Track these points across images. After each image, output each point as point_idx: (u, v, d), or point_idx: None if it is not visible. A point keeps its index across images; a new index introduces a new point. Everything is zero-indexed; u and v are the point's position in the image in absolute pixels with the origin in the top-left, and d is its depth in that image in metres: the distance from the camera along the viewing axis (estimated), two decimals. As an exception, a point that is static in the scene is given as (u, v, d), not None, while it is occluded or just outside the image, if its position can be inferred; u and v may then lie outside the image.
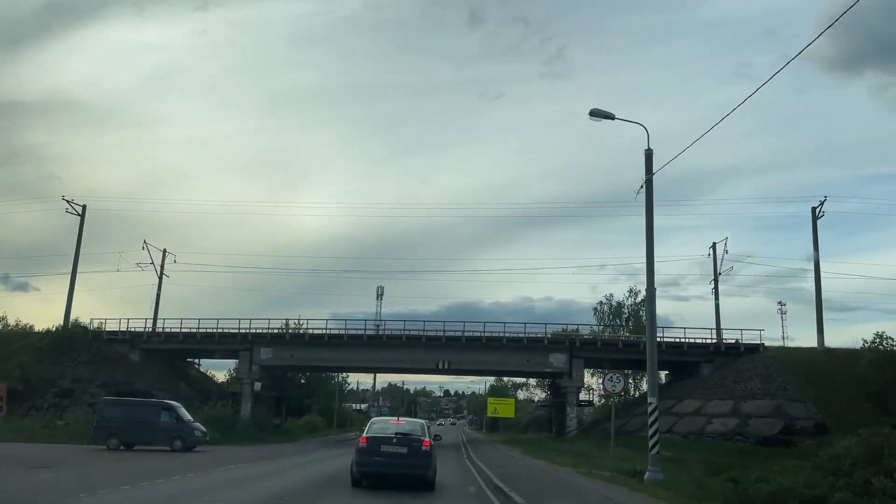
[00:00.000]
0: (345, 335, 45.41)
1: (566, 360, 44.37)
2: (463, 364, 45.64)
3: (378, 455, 13.78)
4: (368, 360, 46.60)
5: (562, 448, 32.57)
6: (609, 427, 43.86)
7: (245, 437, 39.20)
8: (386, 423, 15.66)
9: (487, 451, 31.03)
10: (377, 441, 14.00)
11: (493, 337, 44.69)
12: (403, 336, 45.10)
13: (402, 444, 13.92)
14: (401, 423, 15.40)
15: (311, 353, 46.43)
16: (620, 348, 43.60)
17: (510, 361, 45.45)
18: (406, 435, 14.28)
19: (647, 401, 17.82)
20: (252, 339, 46.28)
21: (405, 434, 14.33)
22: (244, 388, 46.62)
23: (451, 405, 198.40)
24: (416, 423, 16.07)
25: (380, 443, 13.95)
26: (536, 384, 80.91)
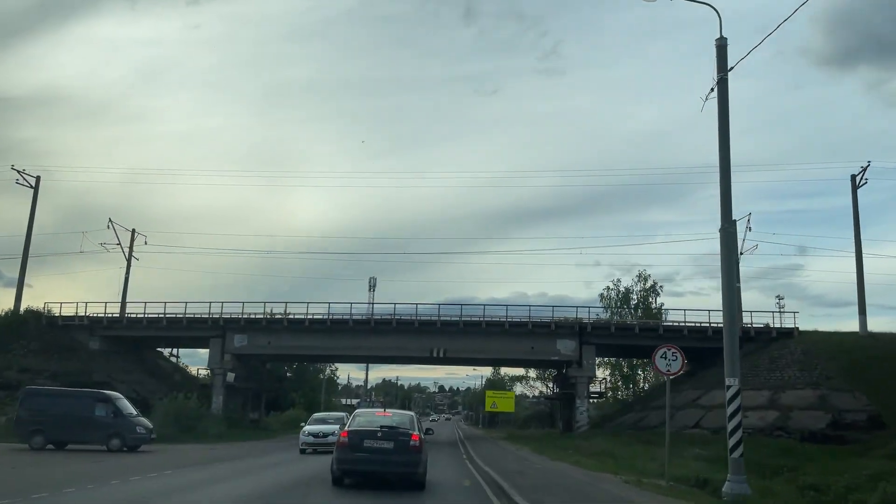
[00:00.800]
0: (328, 320, 40.61)
1: (575, 346, 39.70)
2: (460, 352, 40.91)
3: (361, 451, 12.54)
4: (355, 349, 41.81)
5: (577, 446, 27.89)
6: (624, 421, 39.25)
7: (214, 434, 34.41)
8: (371, 415, 14.67)
9: (491, 450, 26.33)
10: (360, 435, 12.73)
11: (493, 322, 39.99)
12: (394, 321, 40.35)
13: (387, 438, 12.62)
14: (387, 416, 14.02)
15: (291, 341, 41.64)
16: (637, 333, 38.93)
17: (512, 349, 40.74)
18: (392, 428, 12.91)
19: (726, 384, 13.10)
20: (224, 324, 41.46)
21: (391, 427, 12.93)
22: (215, 379, 41.84)
23: (445, 401, 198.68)
24: (405, 415, 14.68)
25: (363, 437, 12.67)
26: (536, 377, 76.34)
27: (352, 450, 12.58)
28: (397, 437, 12.66)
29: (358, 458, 12.53)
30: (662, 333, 38.50)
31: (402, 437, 12.66)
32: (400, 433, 12.78)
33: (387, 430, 12.75)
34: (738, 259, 45.17)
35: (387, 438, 12.60)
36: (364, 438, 12.61)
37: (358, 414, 14.80)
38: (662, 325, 38.56)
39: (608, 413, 45.96)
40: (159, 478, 14.26)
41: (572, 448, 27.57)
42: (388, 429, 12.82)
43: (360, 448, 12.52)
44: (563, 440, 33.83)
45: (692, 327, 38.70)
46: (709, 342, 38.69)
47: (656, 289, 59.98)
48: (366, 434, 12.71)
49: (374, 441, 12.59)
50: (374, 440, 12.60)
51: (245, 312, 41.40)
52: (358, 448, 12.53)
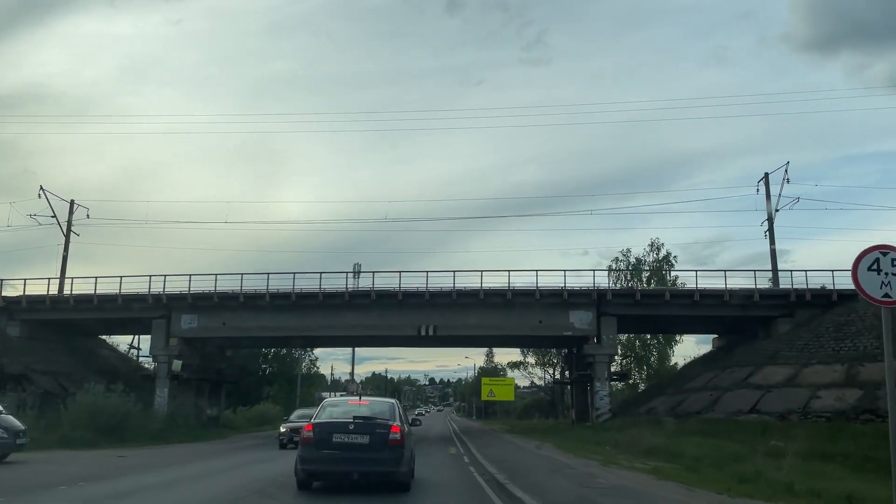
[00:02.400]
0: (293, 294, 33.54)
1: (592, 318, 32.92)
2: (454, 329, 33.99)
3: (329, 447, 10.49)
4: (329, 328, 34.79)
5: (614, 441, 21.18)
6: (655, 407, 32.41)
7: (148, 435, 27.41)
8: (343, 404, 12.31)
9: (501, 450, 19.51)
10: (327, 428, 10.70)
11: (493, 291, 33.10)
12: (373, 293, 33.35)
13: (361, 431, 10.56)
14: (362, 405, 11.62)
15: (251, 320, 34.58)
16: (668, 301, 32.14)
17: (516, 324, 33.86)
18: (368, 420, 10.80)
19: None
20: (168, 302, 34.33)
21: (366, 419, 10.81)
22: (159, 368, 34.76)
23: (436, 393, 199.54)
24: (384, 402, 12.17)
25: (331, 431, 10.62)
26: (535, 362, 69.72)
27: (318, 447, 10.64)
28: (374, 429, 10.70)
29: (326, 456, 10.58)
30: (699, 300, 31.82)
31: (380, 430, 10.71)
32: (377, 425, 10.80)
33: (361, 422, 10.74)
34: (773, 215, 38.61)
35: (360, 432, 10.63)
36: (333, 432, 10.65)
37: (327, 404, 12.36)
38: (699, 290, 31.82)
39: (627, 398, 39.20)
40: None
41: (608, 443, 20.82)
42: (363, 420, 10.81)
43: (329, 444, 10.57)
44: (584, 432, 27.04)
45: (734, 290, 32.00)
46: (753, 309, 32.15)
47: (670, 259, 53.60)
48: (335, 427, 10.76)
49: (346, 435, 10.62)
50: (344, 434, 10.62)
51: (194, 288, 34.25)
52: (325, 444, 10.58)
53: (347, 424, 10.72)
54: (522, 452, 18.15)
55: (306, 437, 10.85)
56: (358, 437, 10.64)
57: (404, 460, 10.79)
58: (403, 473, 10.75)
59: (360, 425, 10.72)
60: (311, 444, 10.72)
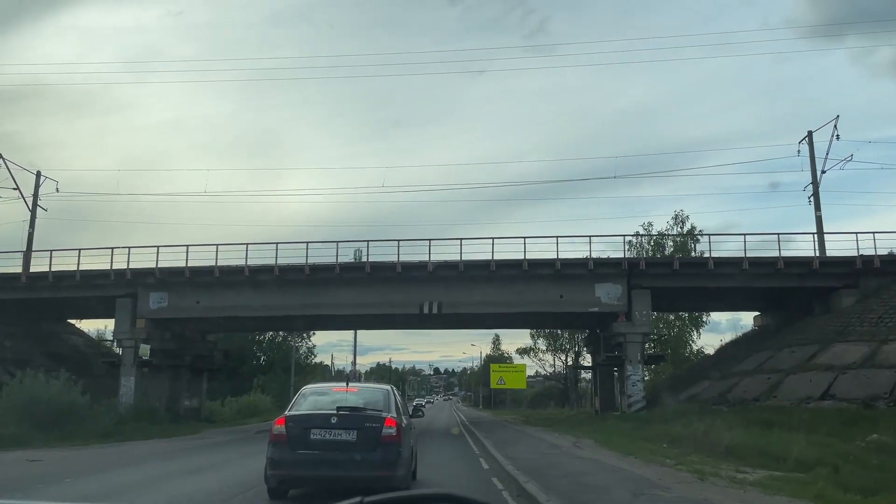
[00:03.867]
0: (276, 268, 29.06)
1: (622, 292, 28.40)
2: (461, 306, 29.50)
3: (306, 446, 8.34)
4: (317, 307, 30.31)
5: (664, 434, 16.67)
6: (698, 394, 27.82)
7: (100, 431, 23.06)
8: (326, 392, 9.88)
9: (526, 446, 15.04)
10: (303, 423, 8.53)
11: (506, 262, 28.62)
12: (367, 265, 28.86)
13: (346, 426, 8.40)
14: (350, 392, 9.22)
15: (228, 299, 30.14)
16: (711, 270, 27.50)
17: (534, 299, 29.34)
18: (355, 411, 8.60)
19: None
20: (134, 278, 29.91)
21: (353, 409, 8.60)
22: (124, 353, 30.37)
23: (441, 383, 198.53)
24: (376, 389, 9.82)
25: (308, 425, 8.47)
26: (547, 348, 65.27)
27: (292, 446, 8.32)
28: (362, 423, 8.41)
29: (302, 458, 8.25)
30: (747, 268, 27.25)
31: (371, 424, 8.39)
32: (367, 417, 8.49)
33: (346, 415, 8.41)
34: (819, 178, 34.00)
35: (346, 426, 8.33)
36: (310, 428, 8.37)
37: (308, 391, 9.62)
38: (748, 258, 27.23)
39: (657, 384, 34.68)
40: None
41: (662, 439, 16.30)
42: (349, 411, 8.47)
43: (305, 442, 8.28)
44: (619, 424, 22.49)
45: (790, 258, 27.45)
46: (811, 279, 27.58)
47: (695, 234, 48.95)
48: (312, 420, 8.47)
49: (327, 431, 8.31)
50: (325, 430, 8.32)
51: (163, 262, 29.80)
52: (301, 443, 8.29)
53: (329, 417, 8.52)
54: (559, 453, 13.65)
55: (277, 434, 8.63)
56: (342, 432, 8.45)
57: (402, 461, 8.58)
58: (401, 478, 8.44)
59: (345, 418, 8.51)
60: (284, 443, 8.53)
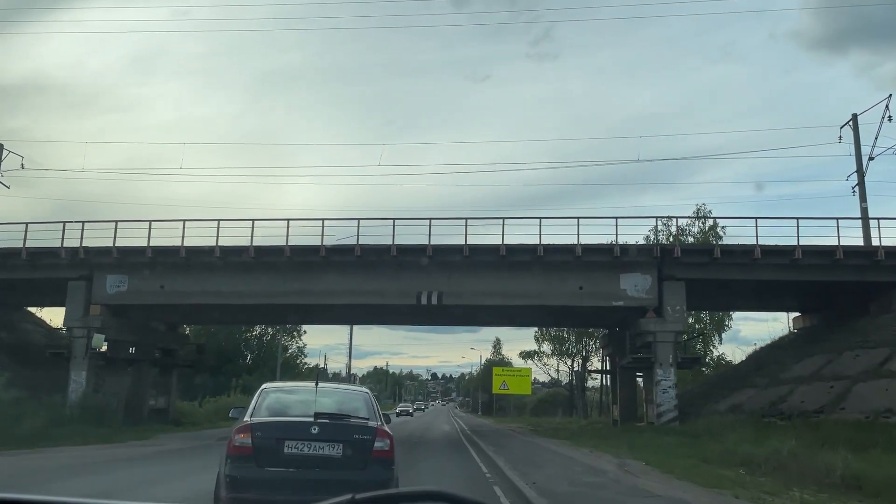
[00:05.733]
0: (251, 248, 25.11)
1: (651, 283, 24.47)
2: (463, 296, 25.53)
3: (277, 462, 6.49)
4: (299, 294, 26.31)
5: (727, 453, 12.70)
6: (742, 404, 23.38)
7: (30, 433, 19.03)
8: (295, 393, 7.94)
9: (558, 471, 11.13)
10: (276, 432, 6.67)
11: (519, 247, 24.71)
12: (357, 248, 24.88)
13: (330, 437, 6.60)
14: (323, 393, 7.42)
15: (196, 283, 26.19)
16: (756, 259, 23.53)
17: (549, 290, 25.37)
18: (337, 419, 6.84)
19: None
20: (88, 257, 25.95)
21: (335, 417, 6.84)
22: (74, 344, 26.35)
23: (438, 388, 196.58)
24: (354, 392, 8.19)
25: (281, 436, 6.63)
26: (552, 352, 61.22)
27: (260, 462, 6.45)
28: (350, 434, 6.68)
29: (273, 477, 6.39)
30: (800, 259, 23.30)
31: (360, 436, 6.68)
32: (355, 428, 6.77)
33: (329, 423, 6.61)
34: (865, 166, 30.12)
35: (329, 438, 6.55)
36: (284, 439, 6.55)
37: (270, 390, 7.57)
38: (801, 246, 23.27)
39: (685, 391, 30.61)
40: None
41: (736, 461, 12.32)
42: (329, 419, 6.67)
43: (277, 458, 6.45)
44: (656, 438, 18.45)
45: (850, 248, 23.54)
46: (872, 272, 23.64)
47: (718, 231, 44.99)
48: (288, 430, 6.66)
49: (305, 443, 6.51)
50: (303, 442, 6.52)
51: (124, 239, 25.86)
52: (273, 458, 6.45)
53: (308, 426, 6.54)
54: (608, 482, 9.63)
55: (240, 447, 6.52)
56: (325, 445, 6.56)
57: (394, 482, 6.61)
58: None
59: (327, 428, 6.59)
60: (249, 458, 6.46)
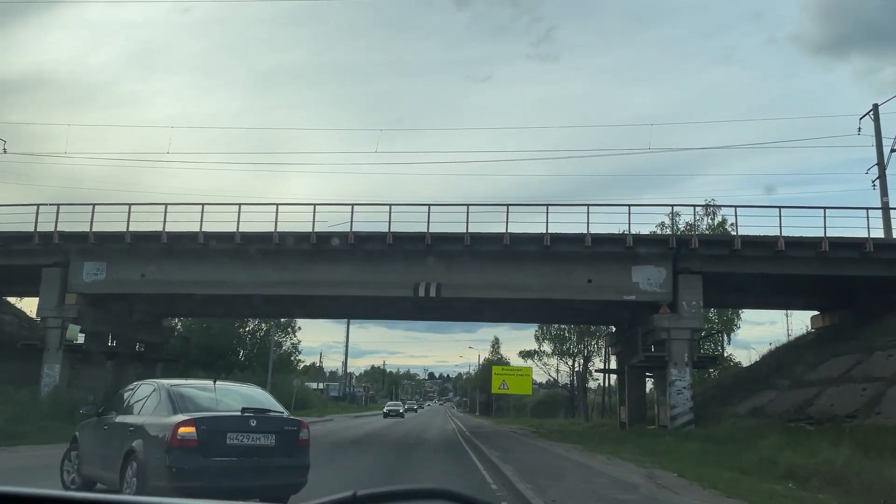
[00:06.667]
0: (237, 234, 23.44)
1: (666, 277, 22.85)
2: (464, 288, 23.88)
3: (221, 453, 7.26)
4: (288, 284, 24.64)
5: (786, 464, 11.08)
6: (764, 407, 21.23)
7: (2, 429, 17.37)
8: (205, 390, 8.32)
9: (591, 486, 9.30)
10: (219, 426, 7.42)
11: (523, 235, 23.08)
12: (351, 235, 23.21)
13: (265, 429, 7.60)
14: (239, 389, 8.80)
15: (179, 272, 24.52)
16: (780, 251, 21.88)
17: (555, 283, 23.72)
18: (264, 413, 7.80)
19: None
20: (63, 242, 24.30)
21: (259, 411, 7.76)
22: (48, 336, 24.67)
23: (435, 388, 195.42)
24: (256, 391, 8.92)
25: (224, 429, 7.42)
26: (553, 351, 59.58)
27: (206, 453, 7.12)
28: (281, 426, 7.74)
29: (217, 466, 7.14)
30: (826, 250, 21.68)
31: (289, 427, 7.80)
32: (284, 420, 7.89)
33: (264, 417, 7.66)
34: (887, 158, 28.60)
35: (265, 430, 7.54)
36: (227, 431, 7.34)
37: (173, 390, 7.98)
38: (828, 238, 21.64)
39: (697, 392, 28.92)
40: None
41: (779, 471, 10.69)
42: (260, 413, 7.67)
43: (221, 448, 7.22)
44: (684, 444, 16.74)
45: (881, 241, 21.96)
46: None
47: (726, 228, 43.35)
48: (229, 423, 7.44)
49: (245, 435, 7.38)
50: (244, 433, 7.39)
51: (98, 221, 24.17)
52: (216, 449, 7.18)
53: (247, 420, 7.47)
54: (641, 499, 7.97)
55: (184, 440, 7.09)
56: (261, 436, 7.50)
57: (309, 467, 7.87)
58: (304, 484, 7.69)
59: (263, 421, 7.61)
60: (194, 449, 7.11)
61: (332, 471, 12.03)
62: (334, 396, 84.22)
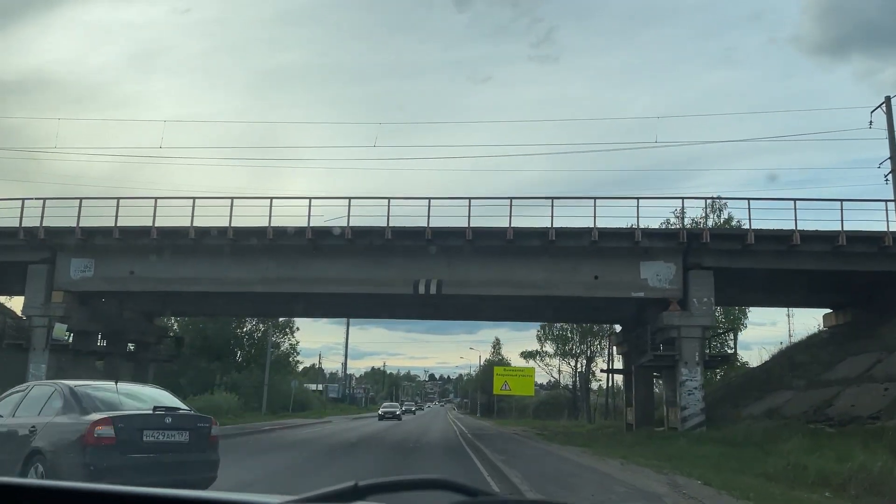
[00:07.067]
0: (230, 230, 22.55)
1: (675, 272, 21.98)
2: (465, 285, 23.01)
3: (139, 450, 7.46)
4: (282, 281, 23.77)
5: (819, 470, 10.18)
6: (783, 408, 19.69)
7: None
8: (108, 390, 8.39)
9: (610, 497, 8.26)
10: (136, 423, 7.57)
11: (527, 230, 22.22)
12: (348, 230, 22.33)
13: (180, 426, 7.92)
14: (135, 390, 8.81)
15: (170, 269, 23.65)
16: (795, 246, 20.99)
17: (560, 279, 22.85)
18: (175, 411, 8.06)
19: None
20: (49, 238, 23.43)
21: (172, 409, 8.01)
22: (34, 334, 23.82)
23: (436, 389, 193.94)
24: (158, 390, 9.14)
25: (142, 426, 7.60)
26: (555, 352, 58.77)
27: (123, 450, 7.27)
28: (195, 423, 8.10)
29: (136, 463, 7.29)
30: (843, 244, 20.82)
31: (202, 424, 8.13)
32: (197, 417, 8.28)
33: (178, 415, 7.97)
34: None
35: (179, 427, 7.85)
36: (144, 429, 7.56)
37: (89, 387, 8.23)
38: (845, 232, 20.75)
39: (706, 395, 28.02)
40: None
41: (809, 477, 9.82)
42: (172, 412, 7.90)
43: (138, 445, 7.43)
44: (699, 447, 15.81)
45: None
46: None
47: (732, 225, 42.46)
48: (147, 421, 7.61)
49: (161, 432, 7.67)
50: (160, 431, 7.67)
51: (85, 217, 23.31)
52: (133, 446, 7.38)
53: (162, 417, 7.71)
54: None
55: (101, 437, 7.22)
56: (176, 433, 7.81)
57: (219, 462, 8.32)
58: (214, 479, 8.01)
59: (178, 418, 7.91)
60: (112, 447, 7.26)
61: (326, 477, 11.16)
62: (333, 398, 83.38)
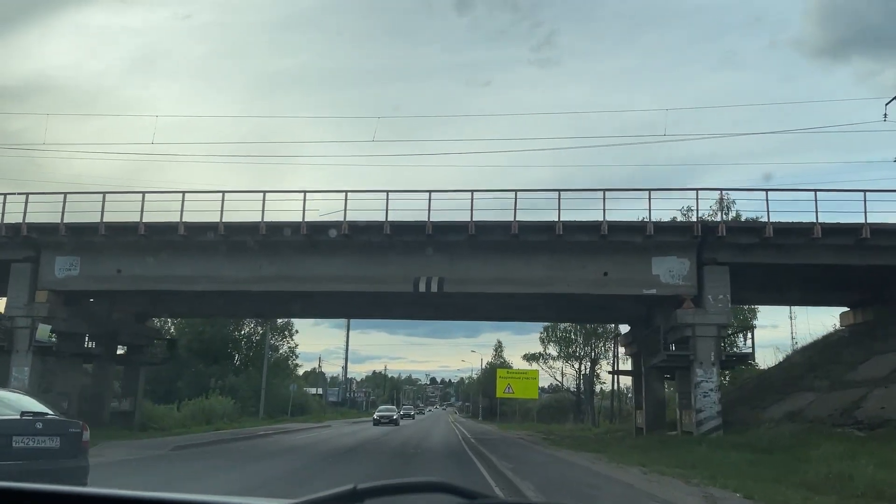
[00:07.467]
0: (220, 225, 21.49)
1: (689, 268, 20.91)
2: (468, 283, 21.93)
3: (7, 457, 7.04)
4: (277, 279, 22.70)
5: (865, 479, 9.06)
6: (806, 412, 17.42)
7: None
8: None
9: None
10: (4, 429, 7.27)
11: (533, 224, 21.14)
12: (345, 225, 21.24)
13: (51, 431, 7.62)
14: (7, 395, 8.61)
15: (158, 267, 22.55)
16: (816, 239, 19.88)
17: (568, 276, 21.76)
18: (44, 415, 7.78)
19: None
20: (32, 234, 22.36)
21: (39, 414, 7.72)
22: (16, 335, 22.72)
23: (437, 392, 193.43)
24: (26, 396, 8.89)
25: (9, 432, 7.26)
26: (559, 354, 57.59)
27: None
28: (66, 428, 7.86)
29: (3, 471, 6.63)
30: (867, 237, 19.74)
31: (73, 429, 7.91)
32: (68, 423, 8.15)
33: (48, 420, 7.71)
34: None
35: (50, 432, 7.54)
36: (12, 434, 7.19)
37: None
38: (869, 224, 19.67)
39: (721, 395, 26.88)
40: None
41: (855, 489, 8.69)
42: (40, 416, 7.63)
43: (7, 452, 7.01)
44: (723, 454, 14.68)
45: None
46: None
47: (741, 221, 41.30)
48: (15, 427, 7.27)
49: (31, 438, 7.31)
50: (30, 437, 7.32)
51: (70, 212, 22.25)
52: (3, 453, 6.98)
53: (33, 423, 7.41)
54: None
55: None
56: (47, 439, 7.49)
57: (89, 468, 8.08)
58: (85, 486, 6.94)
59: (48, 423, 7.59)
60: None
61: (322, 484, 10.07)
62: (333, 401, 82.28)
